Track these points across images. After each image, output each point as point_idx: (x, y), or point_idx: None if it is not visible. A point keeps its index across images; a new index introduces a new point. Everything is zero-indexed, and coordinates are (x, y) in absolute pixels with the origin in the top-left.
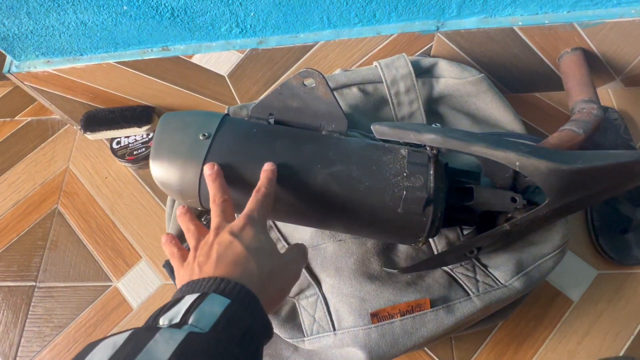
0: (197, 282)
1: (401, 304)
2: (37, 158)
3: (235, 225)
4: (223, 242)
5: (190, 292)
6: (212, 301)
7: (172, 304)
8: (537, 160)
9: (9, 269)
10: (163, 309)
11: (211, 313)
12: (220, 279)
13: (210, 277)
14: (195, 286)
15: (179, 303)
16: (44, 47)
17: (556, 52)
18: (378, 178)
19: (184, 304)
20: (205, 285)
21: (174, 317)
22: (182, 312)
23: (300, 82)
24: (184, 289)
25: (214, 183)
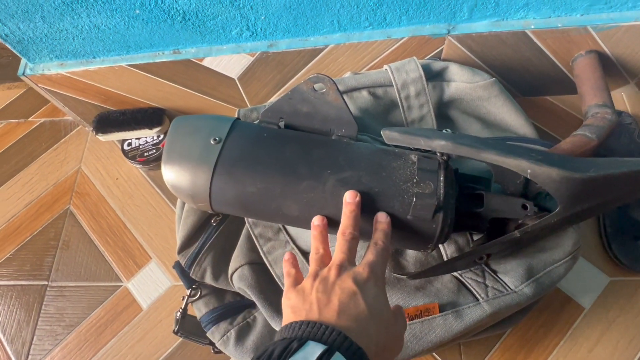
0: (320, 327)
1: (409, 309)
2: (49, 159)
3: (359, 275)
4: (346, 289)
5: (314, 338)
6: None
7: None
8: (549, 168)
9: (22, 268)
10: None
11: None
12: (344, 337)
13: (333, 329)
14: (319, 332)
15: (304, 348)
16: (58, 50)
17: (569, 56)
18: (388, 184)
19: (311, 353)
20: (329, 337)
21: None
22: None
23: (311, 87)
24: (304, 328)
25: (350, 215)
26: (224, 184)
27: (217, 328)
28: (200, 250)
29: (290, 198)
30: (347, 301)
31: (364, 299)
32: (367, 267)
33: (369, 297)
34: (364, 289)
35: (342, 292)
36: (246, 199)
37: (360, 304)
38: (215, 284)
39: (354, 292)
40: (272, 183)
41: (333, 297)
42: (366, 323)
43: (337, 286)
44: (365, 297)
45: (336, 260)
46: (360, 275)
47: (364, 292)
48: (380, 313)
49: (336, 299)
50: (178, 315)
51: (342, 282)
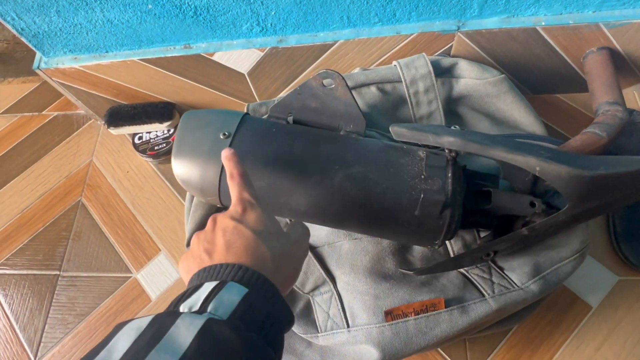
0: (214, 268)
1: (415, 303)
2: (62, 152)
3: (234, 211)
4: (227, 227)
5: (209, 280)
6: (230, 289)
7: (192, 291)
8: (558, 166)
9: (35, 258)
10: (183, 296)
11: (230, 301)
12: (237, 267)
13: (225, 264)
14: (212, 273)
15: (198, 290)
16: (72, 44)
17: (580, 53)
18: (396, 180)
19: (203, 292)
20: (222, 272)
21: (193, 305)
22: (201, 300)
23: (320, 83)
24: (201, 275)
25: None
26: None
27: None
28: None
29: (299, 193)
30: (231, 237)
31: (247, 227)
32: (238, 201)
33: (251, 224)
34: (244, 220)
35: (223, 232)
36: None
37: (244, 233)
38: None
39: (234, 227)
40: (281, 178)
41: (217, 240)
42: (255, 246)
43: (218, 230)
44: (247, 225)
45: None
46: (236, 211)
47: (244, 222)
48: (266, 230)
49: (220, 240)
50: None
51: (221, 225)
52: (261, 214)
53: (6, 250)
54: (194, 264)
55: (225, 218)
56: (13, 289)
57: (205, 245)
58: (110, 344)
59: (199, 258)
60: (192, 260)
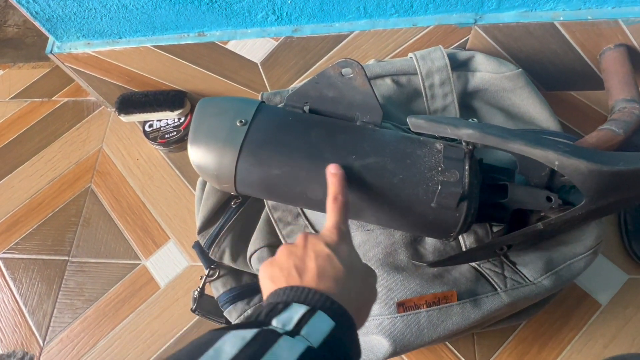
0: (302, 290)
1: (428, 295)
2: (72, 138)
3: (328, 237)
4: (320, 252)
5: (298, 301)
6: (320, 319)
7: (283, 308)
8: (578, 161)
9: (44, 243)
10: (274, 310)
11: (320, 331)
12: (326, 297)
13: (315, 290)
14: (302, 295)
15: (289, 309)
16: (85, 29)
17: (597, 50)
18: (412, 171)
19: (294, 312)
20: (312, 298)
21: (286, 323)
22: (294, 321)
23: (338, 72)
24: (288, 292)
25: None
26: (250, 165)
27: (235, 308)
28: (220, 231)
29: (315, 182)
30: (323, 264)
31: (339, 260)
32: (334, 229)
33: (343, 257)
34: (337, 250)
35: (317, 256)
36: (271, 181)
37: (336, 264)
38: (233, 265)
39: (328, 255)
40: (298, 166)
41: (308, 261)
42: (345, 282)
43: (310, 251)
44: (340, 258)
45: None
46: (330, 238)
47: (337, 253)
48: (356, 269)
49: (312, 263)
50: (196, 294)
51: (314, 247)
52: (353, 249)
53: (15, 234)
54: (281, 276)
55: (319, 241)
56: (22, 273)
57: (297, 262)
58: (217, 345)
59: (287, 272)
60: (279, 271)
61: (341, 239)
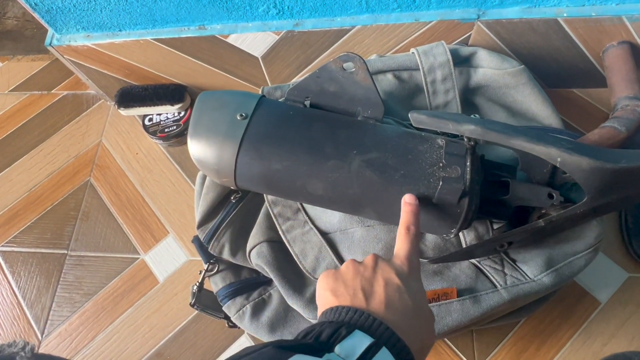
0: (368, 318)
1: (427, 292)
2: (71, 131)
3: (401, 268)
4: (391, 282)
5: (362, 328)
6: (384, 356)
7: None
8: (580, 157)
9: (43, 236)
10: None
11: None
12: (392, 333)
13: (381, 322)
14: (366, 322)
15: (352, 336)
16: (85, 22)
17: (600, 47)
18: (414, 167)
19: (359, 343)
20: (378, 329)
21: (349, 354)
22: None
23: (340, 66)
24: (351, 314)
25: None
26: (250, 159)
27: (233, 302)
28: (219, 225)
29: (316, 177)
30: (392, 294)
31: (408, 295)
32: (407, 260)
33: (413, 293)
34: (407, 284)
35: (386, 284)
36: (271, 175)
37: (406, 299)
38: (232, 259)
39: (398, 286)
40: (298, 161)
41: (377, 287)
42: (411, 320)
43: (379, 275)
44: (409, 293)
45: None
46: (401, 269)
47: (407, 287)
48: (423, 309)
49: (381, 290)
50: (195, 288)
51: (384, 274)
52: (422, 288)
53: (14, 228)
54: (346, 293)
55: (390, 269)
56: (21, 266)
57: (364, 284)
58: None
59: (353, 291)
60: (343, 287)
61: (412, 273)
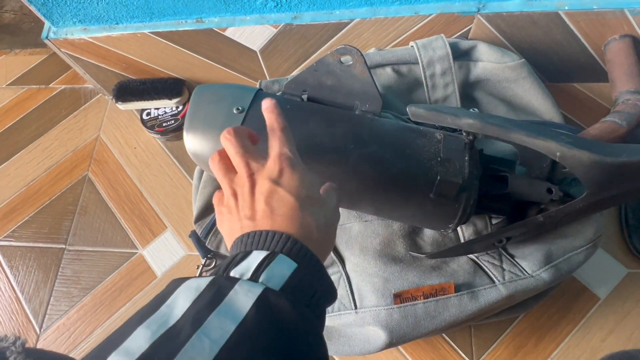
0: (259, 235)
1: (425, 287)
2: (69, 125)
3: (271, 170)
4: (266, 191)
5: (255, 247)
6: (280, 262)
7: (241, 258)
8: (580, 152)
9: (41, 230)
10: (233, 262)
11: (281, 275)
12: (285, 237)
13: (272, 232)
14: (259, 240)
15: (247, 258)
16: (82, 14)
17: (601, 40)
18: (412, 161)
19: (253, 260)
20: (270, 241)
21: (244, 272)
22: (252, 269)
23: (337, 59)
24: (245, 240)
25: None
26: None
27: None
28: None
29: (313, 171)
30: (272, 202)
31: (288, 192)
32: (277, 158)
33: (292, 187)
34: (282, 182)
35: (263, 196)
36: None
37: (286, 198)
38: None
39: (274, 191)
40: None
41: (257, 205)
42: (300, 215)
43: (257, 193)
44: (287, 190)
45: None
46: (273, 171)
47: (283, 185)
48: (309, 196)
49: (262, 205)
50: None
51: (260, 187)
52: (302, 175)
53: (12, 222)
54: (237, 226)
55: (264, 179)
56: (19, 261)
57: (247, 212)
58: (170, 299)
59: (240, 222)
60: (234, 222)
61: (285, 167)
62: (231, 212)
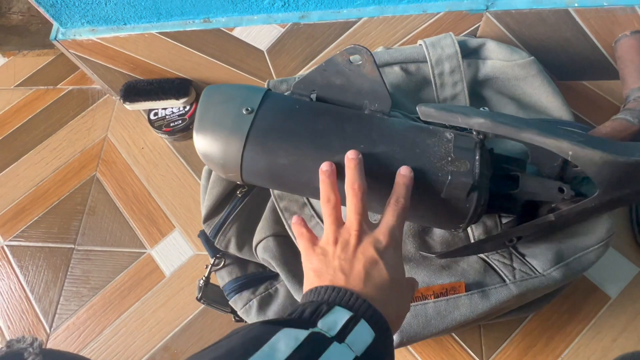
0: (346, 294)
1: (435, 286)
2: (77, 126)
3: (379, 240)
4: (369, 257)
5: (340, 303)
6: (363, 328)
7: (327, 310)
8: (592, 151)
9: (50, 230)
10: (318, 312)
11: (363, 341)
12: (369, 305)
13: (358, 296)
14: (344, 298)
15: (333, 312)
16: (90, 15)
17: (611, 37)
18: (422, 161)
19: (339, 317)
20: (355, 303)
21: (331, 328)
22: (338, 327)
23: (346, 59)
24: (331, 293)
25: (355, 167)
26: (256, 154)
27: (240, 297)
28: (226, 220)
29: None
30: (370, 269)
31: (386, 268)
32: (387, 232)
33: (390, 266)
34: (385, 257)
35: (364, 259)
36: (277, 170)
37: (383, 272)
38: (238, 254)
39: (375, 261)
40: (305, 155)
41: (356, 264)
42: (388, 292)
43: (359, 253)
44: (387, 266)
45: (354, 224)
46: (380, 242)
47: (385, 259)
48: (400, 281)
49: (360, 266)
50: (201, 283)
51: (363, 249)
52: (400, 259)
53: (22, 222)
54: (327, 271)
55: (369, 245)
56: (28, 260)
57: (343, 264)
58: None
59: (333, 270)
60: (324, 265)
61: (391, 246)
62: (326, 256)
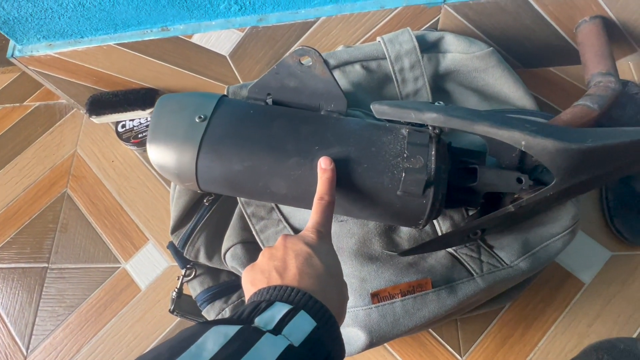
0: (285, 289)
1: (402, 284)
2: (45, 143)
3: (307, 236)
4: (300, 252)
5: (280, 299)
6: (302, 318)
7: (266, 307)
8: (544, 140)
9: (23, 251)
10: (257, 309)
11: (302, 330)
12: (309, 296)
13: (297, 289)
14: (284, 294)
15: (271, 308)
16: (45, 30)
17: (572, 23)
18: (377, 159)
19: (276, 311)
20: (295, 297)
21: (268, 322)
22: (276, 320)
23: (297, 61)
24: (271, 291)
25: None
26: (210, 162)
27: (212, 307)
28: (193, 230)
29: (278, 175)
30: (304, 263)
31: (319, 258)
32: (315, 230)
33: (323, 255)
34: (316, 249)
35: (296, 255)
36: (233, 177)
37: (317, 263)
38: (209, 263)
39: (308, 254)
40: (259, 160)
41: (289, 262)
42: (325, 281)
43: (290, 250)
44: (320, 256)
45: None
46: (310, 237)
47: (317, 252)
48: (336, 269)
49: (292, 262)
50: (174, 294)
51: (294, 247)
52: (332, 249)
53: None
54: (262, 278)
55: (299, 241)
56: (2, 283)
57: (277, 264)
58: (199, 341)
59: (269, 274)
60: (260, 274)
61: (320, 239)
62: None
